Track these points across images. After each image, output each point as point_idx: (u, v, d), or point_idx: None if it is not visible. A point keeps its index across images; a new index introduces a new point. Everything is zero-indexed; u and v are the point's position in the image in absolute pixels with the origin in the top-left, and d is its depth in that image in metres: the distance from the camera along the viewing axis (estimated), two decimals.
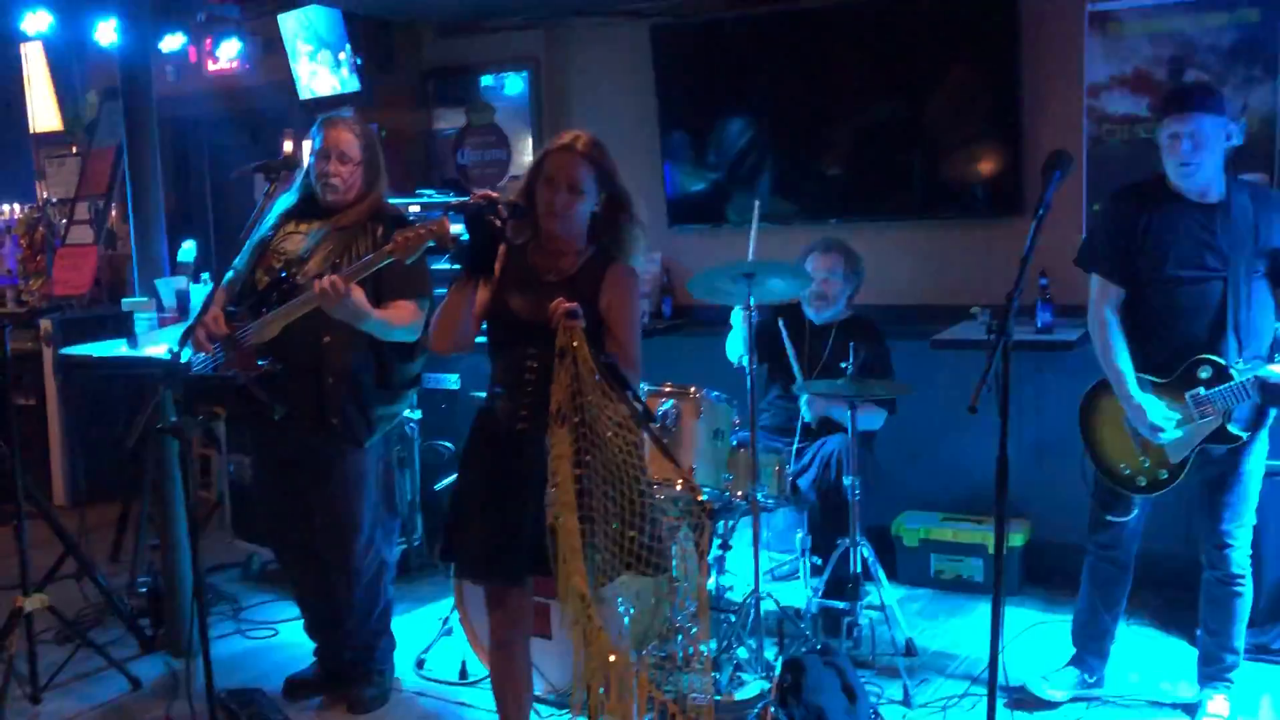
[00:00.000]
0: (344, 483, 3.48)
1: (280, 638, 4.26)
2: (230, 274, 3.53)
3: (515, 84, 5.80)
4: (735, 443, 3.78)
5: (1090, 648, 3.53)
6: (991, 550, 3.43)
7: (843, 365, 3.75)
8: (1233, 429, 3.11)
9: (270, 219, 3.49)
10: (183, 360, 3.34)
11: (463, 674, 3.79)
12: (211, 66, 6.35)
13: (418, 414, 4.63)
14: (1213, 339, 3.11)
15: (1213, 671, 3.36)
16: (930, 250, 4.90)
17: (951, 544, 4.54)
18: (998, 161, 4.72)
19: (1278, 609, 3.85)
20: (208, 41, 5.92)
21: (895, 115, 4.88)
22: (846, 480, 3.77)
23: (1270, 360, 3.11)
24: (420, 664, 3.91)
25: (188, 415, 3.24)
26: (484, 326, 2.89)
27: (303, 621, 3.84)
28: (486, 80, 5.88)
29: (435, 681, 3.81)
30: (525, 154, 5.80)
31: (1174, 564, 3.89)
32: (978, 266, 4.72)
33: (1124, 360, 3.20)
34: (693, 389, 3.75)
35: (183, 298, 4.91)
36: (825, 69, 4.98)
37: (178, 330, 3.93)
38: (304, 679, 3.77)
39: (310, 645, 3.82)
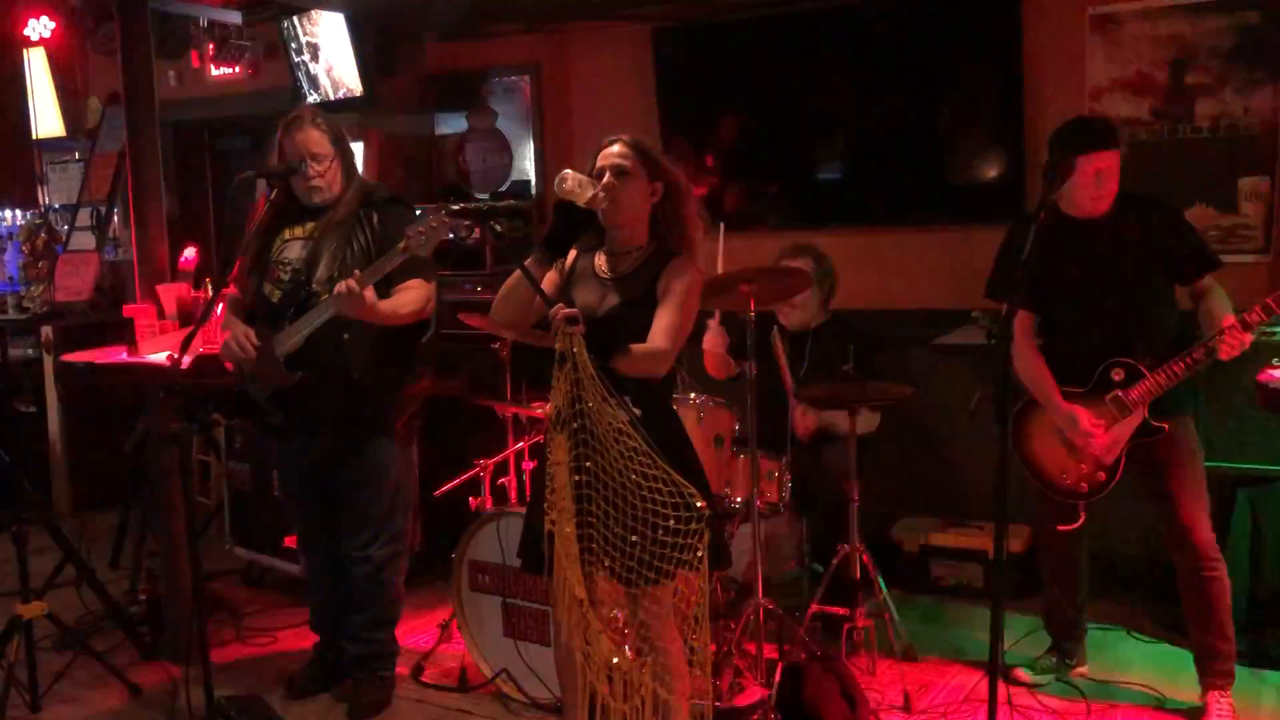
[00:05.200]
0: (370, 471, 3.55)
1: (280, 644, 4.25)
2: (230, 286, 3.54)
3: (517, 88, 5.81)
4: (735, 449, 3.78)
5: (1063, 634, 3.70)
6: (992, 556, 3.43)
7: (843, 367, 3.74)
8: (1155, 421, 3.29)
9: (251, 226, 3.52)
10: (183, 366, 3.35)
11: (461, 680, 3.78)
12: (214, 72, 6.36)
13: (418, 419, 4.62)
14: (1121, 343, 3.30)
15: (1211, 669, 3.39)
16: (932, 254, 4.88)
17: (951, 550, 4.52)
18: (1000, 165, 4.71)
19: (1277, 616, 3.85)
20: (210, 47, 5.92)
21: (897, 118, 4.88)
22: (845, 486, 3.76)
23: (1180, 349, 3.24)
24: (420, 671, 3.90)
25: (186, 422, 3.24)
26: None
27: (310, 614, 3.85)
28: (488, 85, 5.88)
29: (435, 689, 3.80)
30: (526, 158, 5.80)
31: (1171, 568, 3.88)
32: (980, 270, 4.68)
33: (1046, 376, 3.39)
34: (692, 394, 3.75)
35: (184, 304, 4.90)
36: (826, 72, 4.98)
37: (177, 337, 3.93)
38: (304, 677, 3.79)
39: (310, 647, 3.82)
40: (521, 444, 4.01)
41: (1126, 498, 3.36)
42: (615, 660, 2.50)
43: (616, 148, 2.81)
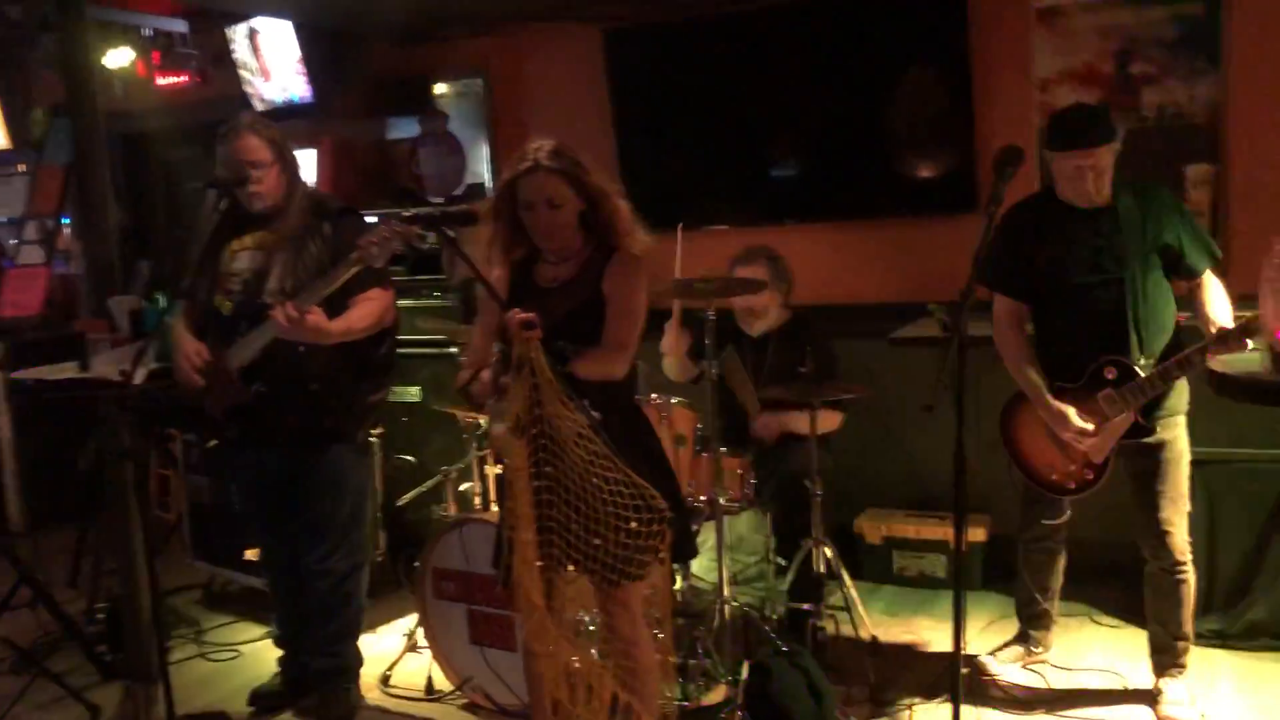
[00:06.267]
0: (329, 483, 3.51)
1: (243, 659, 4.21)
2: (182, 302, 3.49)
3: (469, 92, 5.78)
4: (698, 448, 3.79)
5: (1032, 624, 3.68)
6: (954, 546, 3.46)
7: (800, 370, 3.75)
8: (1147, 423, 3.19)
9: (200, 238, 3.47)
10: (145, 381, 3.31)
11: (429, 689, 3.76)
12: (161, 81, 6.27)
13: (378, 428, 4.59)
14: (1116, 340, 3.17)
15: (1166, 660, 3.41)
16: (887, 248, 4.91)
17: (914, 541, 4.56)
18: (951, 158, 4.74)
19: (1235, 596, 3.91)
20: (155, 55, 5.84)
21: (849, 114, 4.90)
22: (808, 482, 3.78)
23: (1177, 348, 3.16)
24: (385, 680, 3.87)
25: (140, 438, 3.20)
26: None
27: (272, 629, 3.82)
28: (439, 88, 5.85)
29: (401, 698, 3.78)
30: (480, 161, 5.77)
31: (1138, 555, 3.93)
32: (934, 263, 4.74)
33: (1036, 371, 3.29)
34: (654, 394, 3.75)
35: (136, 318, 4.84)
36: (777, 71, 4.99)
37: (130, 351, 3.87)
38: (269, 691, 3.76)
39: (272, 662, 3.78)
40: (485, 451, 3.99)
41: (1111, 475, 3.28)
42: (576, 664, 2.50)
43: (543, 177, 2.74)
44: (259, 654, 4.16)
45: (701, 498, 3.73)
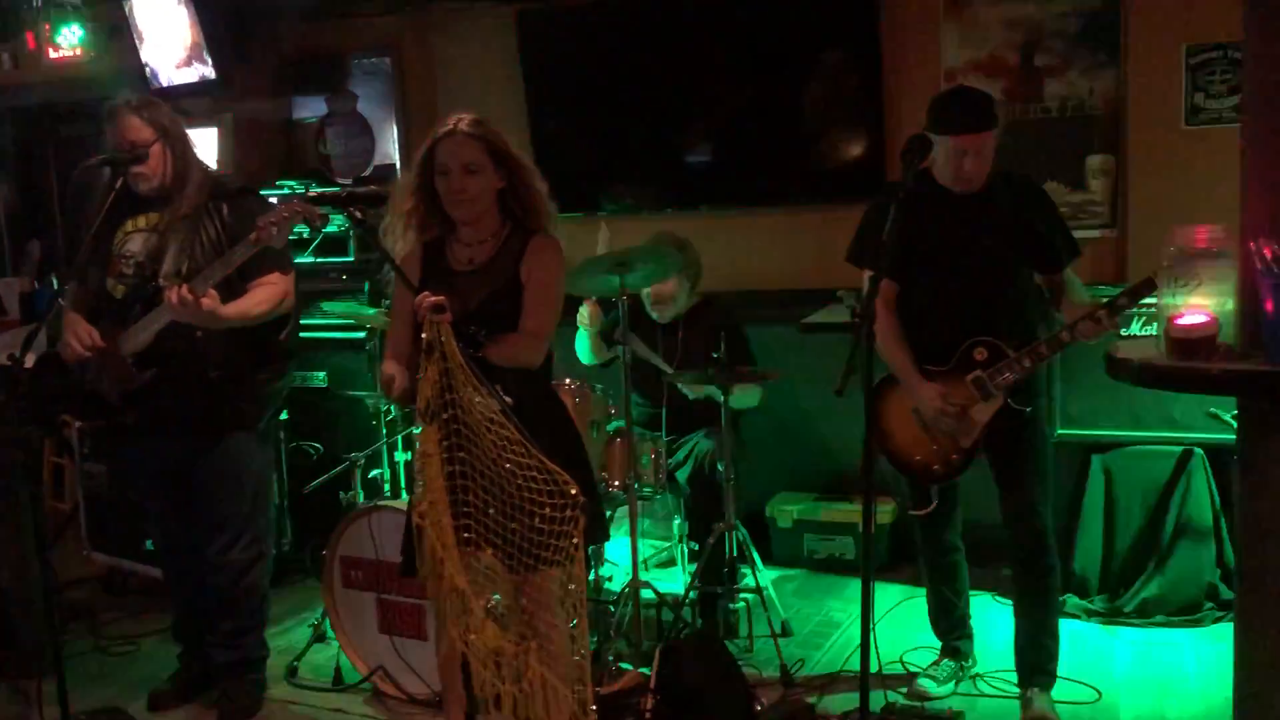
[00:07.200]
0: (228, 472, 3.42)
1: (142, 652, 4.09)
2: (72, 283, 3.37)
3: (378, 71, 5.66)
4: (611, 432, 3.78)
5: (953, 635, 3.60)
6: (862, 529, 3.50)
7: (715, 355, 3.76)
8: (1015, 404, 3.18)
9: (92, 218, 3.35)
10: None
11: (337, 679, 3.70)
12: (53, 54, 6.02)
13: (284, 414, 4.49)
14: (985, 323, 3.18)
15: (1034, 664, 3.32)
16: (798, 235, 4.96)
17: (824, 524, 4.63)
18: (861, 145, 4.81)
19: (1131, 575, 4.04)
20: (46, 27, 5.61)
21: (762, 101, 4.92)
22: (720, 465, 3.80)
23: (1038, 338, 3.17)
24: (293, 672, 3.80)
25: (32, 425, 3.08)
26: None
27: (172, 623, 3.72)
28: (348, 68, 5.73)
29: (309, 689, 3.71)
30: (390, 142, 5.67)
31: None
32: (844, 250, 4.79)
33: (906, 351, 3.25)
34: (567, 380, 3.73)
35: (27, 301, 4.67)
36: (691, 56, 4.99)
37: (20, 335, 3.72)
38: (169, 688, 3.65)
39: (174, 655, 3.69)
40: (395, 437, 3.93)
41: (980, 465, 3.29)
42: (499, 649, 2.48)
43: (461, 139, 2.70)
44: (159, 644, 4.05)
45: (615, 483, 3.72)
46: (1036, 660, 3.32)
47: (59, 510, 5.21)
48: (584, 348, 4.21)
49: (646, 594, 3.64)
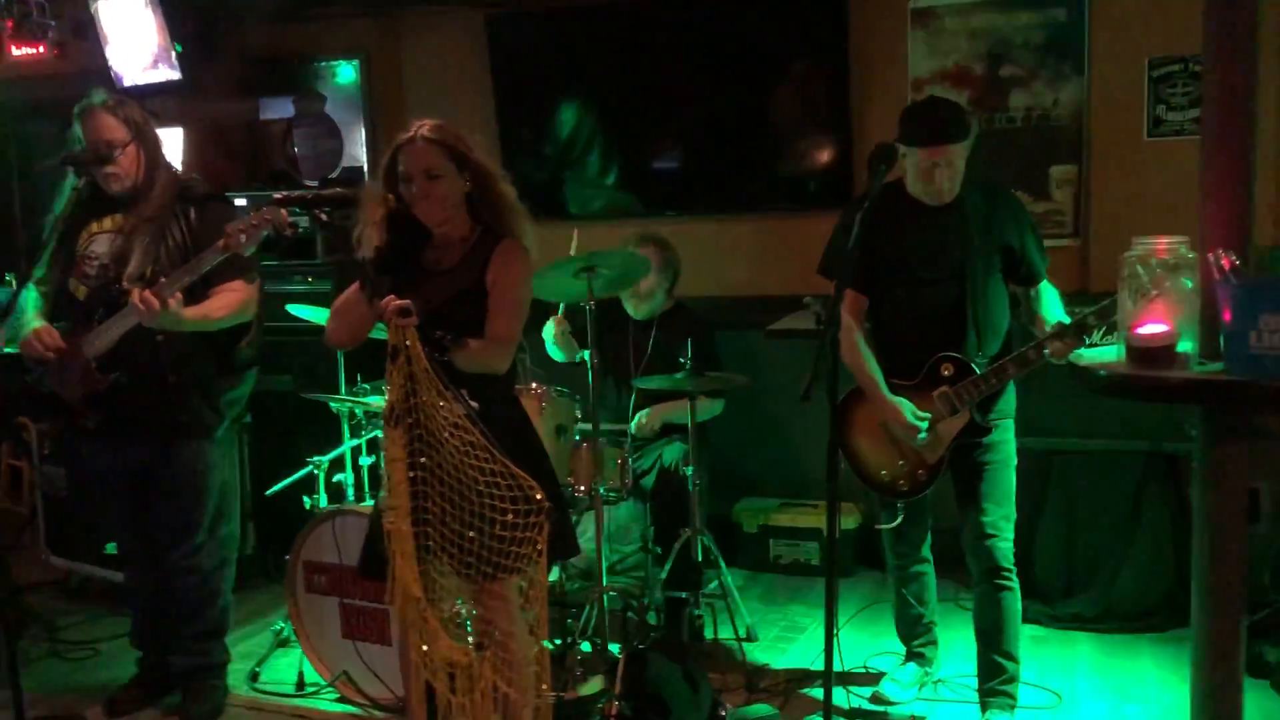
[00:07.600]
0: (189, 477, 3.38)
1: (101, 657, 4.04)
2: (35, 284, 3.32)
3: (346, 74, 5.64)
4: (578, 438, 3.78)
5: (918, 641, 3.59)
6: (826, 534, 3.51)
7: (681, 360, 3.77)
8: (981, 421, 3.16)
9: (56, 218, 3.31)
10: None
11: (299, 685, 3.67)
12: (15, 52, 5.95)
13: (248, 418, 4.45)
14: (953, 337, 3.14)
15: (994, 687, 3.28)
16: (765, 242, 4.98)
17: (789, 529, 4.64)
18: (829, 154, 4.83)
19: (1093, 581, 4.08)
20: (9, 24, 5.54)
21: (730, 108, 4.94)
22: (687, 470, 3.80)
23: (1010, 352, 3.14)
24: (255, 677, 3.76)
25: None
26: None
27: (130, 629, 3.68)
28: (316, 69, 5.69)
29: (271, 694, 3.68)
30: (357, 145, 5.64)
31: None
32: (811, 257, 4.75)
33: (873, 365, 3.22)
34: (534, 384, 3.72)
35: None
36: (660, 62, 5.00)
37: None
38: (127, 695, 3.61)
39: (133, 660, 3.64)
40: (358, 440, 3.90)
41: (944, 475, 3.26)
42: (455, 658, 2.47)
43: (422, 146, 2.70)
44: (118, 650, 4.00)
45: (581, 488, 3.72)
46: (996, 684, 3.28)
47: (17, 513, 5.15)
48: (554, 346, 4.20)
49: (611, 598, 3.63)
